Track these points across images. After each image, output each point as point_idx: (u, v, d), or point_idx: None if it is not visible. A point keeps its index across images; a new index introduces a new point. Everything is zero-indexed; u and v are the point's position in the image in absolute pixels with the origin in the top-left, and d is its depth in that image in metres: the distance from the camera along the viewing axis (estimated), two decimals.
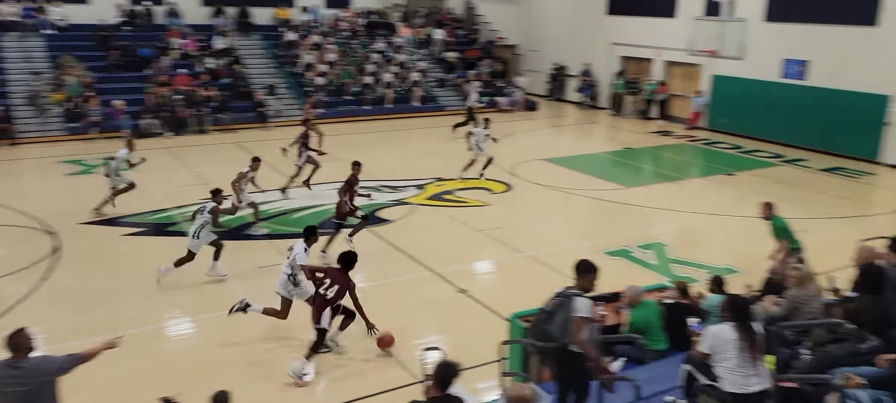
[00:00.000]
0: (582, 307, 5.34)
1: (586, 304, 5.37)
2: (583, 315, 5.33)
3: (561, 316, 5.40)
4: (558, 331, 5.39)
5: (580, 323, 5.33)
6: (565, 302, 5.41)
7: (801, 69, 20.05)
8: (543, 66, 29.46)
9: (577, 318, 5.31)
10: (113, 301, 9.50)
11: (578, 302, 5.35)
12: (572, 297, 5.41)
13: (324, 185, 15.35)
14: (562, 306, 5.43)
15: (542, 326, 5.56)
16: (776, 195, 15.16)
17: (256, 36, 25.75)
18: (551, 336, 5.42)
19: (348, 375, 7.75)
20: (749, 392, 4.88)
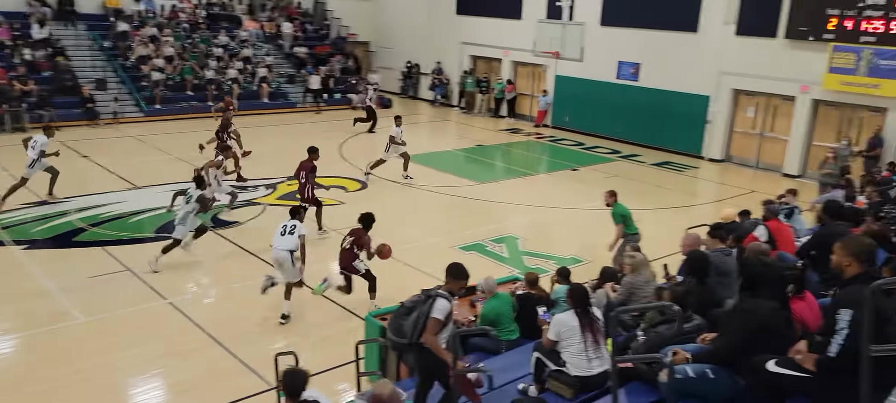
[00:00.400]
0: (440, 309, 5.29)
1: (445, 307, 5.31)
2: (438, 317, 5.27)
3: (417, 313, 5.37)
4: (410, 328, 5.37)
5: (434, 324, 5.27)
6: (426, 301, 5.36)
7: (634, 71, 21.65)
8: (396, 64, 29.58)
9: (432, 319, 5.26)
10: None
11: (438, 302, 5.30)
12: (435, 297, 5.35)
13: (161, 186, 14.43)
14: (421, 304, 5.38)
15: (397, 321, 5.51)
16: (614, 187, 16.30)
17: (82, 26, 23.60)
18: (404, 332, 5.39)
19: (194, 387, 7.30)
20: (592, 375, 5.19)
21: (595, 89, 22.55)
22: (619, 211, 10.40)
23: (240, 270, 10.50)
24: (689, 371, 4.50)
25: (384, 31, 30.29)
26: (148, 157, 17.19)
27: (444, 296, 5.38)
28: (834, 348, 3.95)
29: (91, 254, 10.80)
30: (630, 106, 21.74)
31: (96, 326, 8.50)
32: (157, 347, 8.04)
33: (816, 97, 17.83)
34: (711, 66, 19.61)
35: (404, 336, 5.41)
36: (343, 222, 12.82)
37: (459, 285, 5.55)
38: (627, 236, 10.36)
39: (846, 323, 3.89)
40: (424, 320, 5.32)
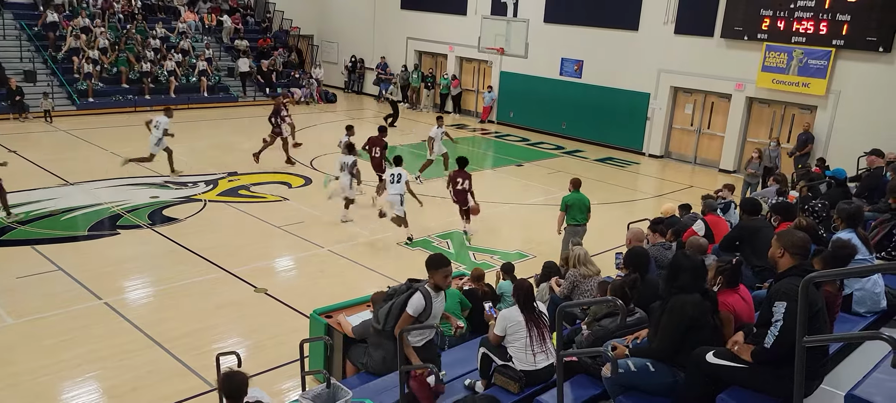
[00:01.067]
0: (413, 304, 5.21)
1: (418, 303, 5.23)
2: (410, 312, 5.22)
3: (393, 302, 5.29)
4: (383, 314, 5.29)
5: (406, 318, 5.19)
6: (406, 291, 5.26)
7: (577, 68, 22.00)
8: (340, 58, 29.27)
9: (404, 313, 5.22)
10: None
11: (414, 298, 5.22)
12: (413, 291, 5.26)
13: (95, 182, 13.96)
14: (400, 293, 5.29)
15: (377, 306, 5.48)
16: (557, 183, 16.55)
17: (8, 14, 22.50)
18: (377, 317, 5.36)
19: (134, 389, 7.06)
20: (538, 369, 5.26)
21: (539, 86, 22.83)
22: (564, 199, 10.66)
23: (179, 268, 10.21)
24: (630, 365, 4.61)
25: (328, 25, 29.92)
26: (81, 152, 16.53)
27: (422, 292, 5.24)
28: (769, 339, 4.10)
29: (20, 253, 10.32)
30: (573, 102, 22.09)
31: (26, 329, 8.12)
32: (92, 350, 7.74)
33: (751, 95, 18.50)
34: (651, 63, 20.10)
35: (377, 321, 5.36)
36: (289, 218, 12.63)
37: (441, 274, 5.34)
38: (569, 225, 10.57)
39: (781, 314, 4.05)
40: (398, 311, 5.23)
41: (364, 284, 9.92)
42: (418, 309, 5.22)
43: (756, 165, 14.80)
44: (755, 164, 14.84)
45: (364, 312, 7.06)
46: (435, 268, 5.34)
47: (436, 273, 5.33)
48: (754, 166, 14.85)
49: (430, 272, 5.37)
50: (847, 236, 6.32)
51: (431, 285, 5.34)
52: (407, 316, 5.19)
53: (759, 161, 14.86)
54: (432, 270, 5.36)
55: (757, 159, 14.89)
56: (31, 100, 19.80)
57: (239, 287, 9.73)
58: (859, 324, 5.70)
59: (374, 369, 6.48)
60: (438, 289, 5.36)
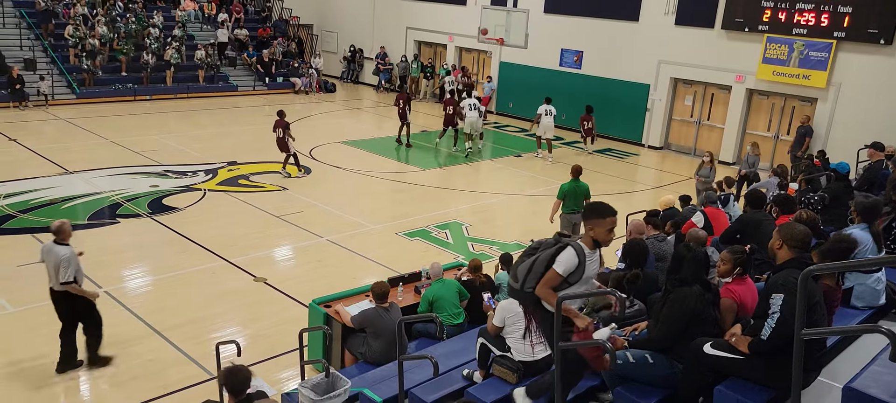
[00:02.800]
0: (563, 261, 4.19)
1: (569, 260, 4.18)
2: (558, 270, 4.19)
3: (536, 257, 4.33)
4: (523, 272, 4.35)
5: (552, 277, 4.20)
6: (553, 246, 4.30)
7: (577, 58, 21.95)
8: (340, 48, 29.19)
9: (552, 271, 4.21)
10: None
11: (564, 254, 4.19)
12: (564, 245, 4.26)
13: (96, 170, 13.97)
14: (545, 247, 4.34)
15: (516, 265, 4.54)
16: (557, 174, 16.55)
17: (8, 2, 22.41)
18: (516, 275, 4.45)
19: (134, 378, 7.09)
20: (536, 360, 5.28)
21: (539, 76, 22.78)
22: (562, 186, 10.69)
23: (179, 258, 10.23)
24: (629, 356, 4.63)
25: (328, 15, 29.82)
26: (81, 141, 16.51)
27: (575, 247, 4.21)
28: (766, 330, 4.13)
29: (20, 242, 10.33)
30: (573, 93, 22.05)
31: (27, 317, 8.15)
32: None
33: (751, 86, 18.47)
34: (651, 55, 20.06)
35: (516, 280, 4.43)
36: (288, 207, 12.64)
37: (606, 228, 4.25)
38: (564, 214, 10.59)
39: (778, 306, 4.06)
40: (542, 267, 4.25)
41: (363, 274, 9.95)
42: (569, 266, 4.17)
43: (707, 170, 12.97)
44: (706, 170, 13.00)
45: (363, 302, 7.10)
46: (599, 217, 4.27)
47: (598, 224, 4.26)
48: (705, 171, 12.98)
49: (591, 223, 4.30)
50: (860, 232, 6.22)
51: (588, 240, 4.31)
52: (553, 275, 4.19)
53: (711, 165, 13.11)
54: (594, 220, 4.29)
55: (708, 163, 13.11)
56: (30, 89, 19.76)
57: (238, 276, 9.75)
58: (857, 318, 5.72)
59: (372, 358, 6.53)
60: (597, 246, 4.31)
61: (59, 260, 6.79)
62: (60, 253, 6.80)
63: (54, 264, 6.82)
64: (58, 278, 6.85)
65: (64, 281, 6.83)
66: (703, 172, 13.20)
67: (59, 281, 6.82)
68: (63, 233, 6.96)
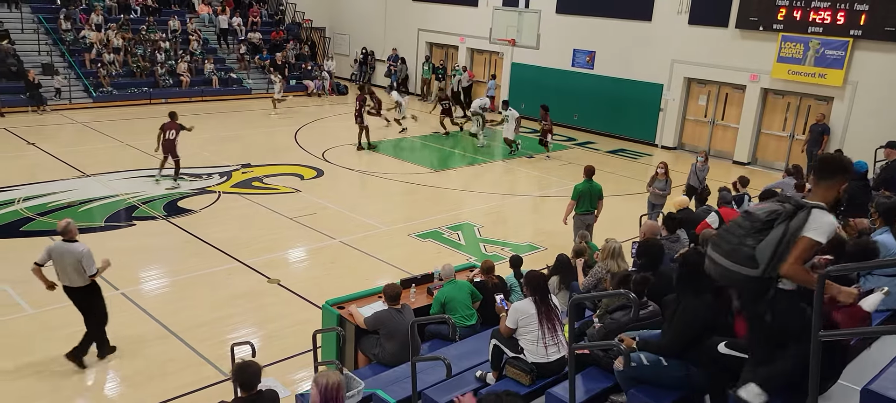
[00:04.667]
0: (820, 224, 3.44)
1: (827, 224, 3.45)
2: (814, 237, 3.43)
3: (777, 232, 3.51)
4: (768, 250, 3.51)
5: (807, 246, 3.44)
6: (793, 214, 3.51)
7: (589, 59, 21.89)
8: (352, 50, 29.29)
9: (806, 240, 3.43)
10: None
11: (819, 216, 3.44)
12: (809, 208, 3.49)
13: (112, 174, 14.11)
14: (782, 218, 3.52)
15: (738, 240, 3.63)
16: (570, 175, 16.50)
17: (27, 8, 22.69)
18: (749, 258, 3.55)
19: (150, 378, 7.17)
20: (549, 361, 5.27)
21: (550, 77, 22.74)
22: (576, 186, 10.65)
23: (194, 260, 10.31)
24: (643, 358, 4.61)
25: (340, 17, 29.94)
26: (98, 144, 16.69)
27: (821, 208, 3.49)
28: None
29: (39, 244, 10.41)
30: (585, 94, 22.00)
31: (45, 318, 8.26)
32: (110, 339, 7.84)
33: (766, 86, 18.33)
34: (664, 54, 19.97)
35: (752, 264, 3.55)
36: (301, 209, 12.71)
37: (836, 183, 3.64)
38: (578, 215, 10.56)
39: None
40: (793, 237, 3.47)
41: (375, 276, 9.98)
42: (828, 231, 3.46)
43: (662, 183, 11.90)
44: (661, 182, 11.91)
45: (376, 303, 7.12)
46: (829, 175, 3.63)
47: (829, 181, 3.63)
48: (660, 184, 11.91)
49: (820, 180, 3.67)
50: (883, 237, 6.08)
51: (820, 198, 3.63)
52: (809, 244, 3.43)
53: (665, 177, 11.92)
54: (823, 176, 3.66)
55: (663, 175, 11.94)
56: (47, 93, 20.01)
57: (252, 277, 9.82)
58: (877, 320, 5.66)
59: (385, 360, 6.55)
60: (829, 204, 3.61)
61: (81, 255, 7.03)
62: (79, 249, 7.01)
63: (75, 261, 7.00)
64: (86, 272, 7.10)
65: (92, 274, 7.11)
66: (657, 185, 11.89)
67: (89, 274, 7.09)
68: (71, 232, 7.16)
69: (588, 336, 5.46)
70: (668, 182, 11.93)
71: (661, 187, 11.79)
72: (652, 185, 11.98)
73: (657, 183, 11.87)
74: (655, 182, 11.92)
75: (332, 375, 4.13)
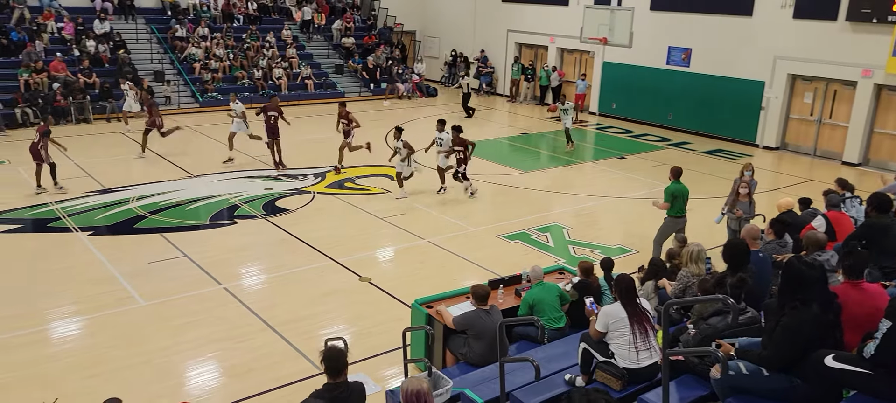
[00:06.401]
0: None
1: None
2: None
3: None
4: None
5: None
6: None
7: (685, 56, 21.18)
8: (441, 53, 29.61)
9: None
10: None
11: None
12: None
13: (216, 175, 14.87)
14: None
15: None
16: (662, 176, 16.02)
17: (141, 19, 24.33)
18: None
19: (250, 370, 7.52)
20: (641, 367, 5.15)
21: (643, 75, 22.17)
22: (670, 189, 10.29)
23: (290, 257, 10.73)
24: (741, 367, 4.42)
25: (430, 21, 30.33)
26: (203, 147, 17.65)
27: None
28: (870, 347, 3.93)
29: (151, 241, 11.20)
30: (680, 92, 21.31)
31: (156, 310, 8.82)
32: (213, 331, 8.30)
33: (879, 82, 17.15)
34: (766, 50, 19.05)
35: None
36: (391, 210, 12.98)
37: None
38: (670, 217, 10.22)
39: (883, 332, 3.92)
40: None
41: (463, 276, 10.06)
42: None
43: (747, 205, 10.36)
44: (745, 204, 10.36)
45: (464, 303, 7.17)
46: None
47: None
48: (744, 206, 10.34)
49: None
50: None
51: None
52: None
53: (749, 198, 10.40)
54: None
55: (746, 197, 10.37)
56: (158, 99, 21.35)
57: (344, 275, 10.11)
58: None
59: (473, 360, 6.59)
60: None
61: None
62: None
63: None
64: None
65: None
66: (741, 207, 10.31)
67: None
68: None
69: (682, 342, 5.30)
70: (752, 205, 10.38)
71: (746, 210, 10.24)
72: (732, 208, 10.39)
73: (740, 205, 10.30)
74: (738, 204, 10.35)
75: (414, 382, 4.22)
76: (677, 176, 10.34)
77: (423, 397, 4.12)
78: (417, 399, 4.09)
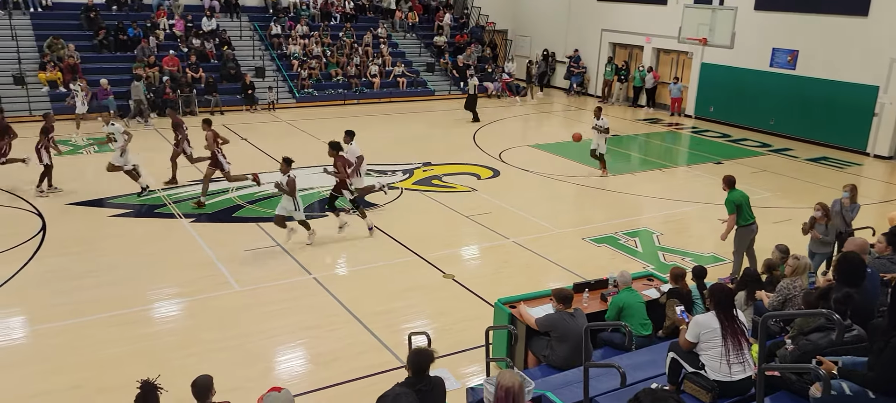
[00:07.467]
0: None
1: None
2: None
3: None
4: None
5: None
6: None
7: (791, 58, 20.10)
8: (533, 52, 29.39)
9: None
10: (96, 282, 9.42)
11: None
12: None
13: (309, 168, 15.33)
14: None
15: None
16: (763, 183, 15.31)
17: (245, 18, 25.47)
18: None
19: (336, 359, 7.73)
20: (733, 380, 4.93)
21: (745, 78, 21.21)
22: (732, 199, 9.73)
23: (378, 251, 10.95)
24: (845, 387, 4.15)
25: (523, 20, 30.17)
26: (299, 141, 18.29)
27: None
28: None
29: (248, 229, 11.71)
30: (784, 96, 20.25)
31: (250, 296, 9.22)
32: (302, 319, 8.59)
33: None
34: (883, 53, 17.80)
35: None
36: (477, 208, 13.01)
37: None
38: (741, 227, 9.71)
39: None
40: None
41: (546, 277, 9.95)
42: None
43: (823, 228, 9.41)
44: (822, 226, 9.41)
45: (547, 305, 7.10)
46: None
47: None
48: (820, 228, 9.41)
49: None
50: None
51: None
52: None
53: (826, 221, 9.41)
54: None
55: (823, 220, 9.40)
56: (259, 94, 22.34)
57: (428, 271, 10.22)
58: None
59: (556, 362, 6.51)
60: None
61: None
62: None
63: None
64: None
65: None
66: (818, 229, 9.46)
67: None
68: None
69: (779, 358, 5.03)
70: (829, 227, 9.45)
71: (823, 232, 9.43)
72: (810, 227, 9.53)
73: (817, 227, 9.45)
74: (816, 227, 9.47)
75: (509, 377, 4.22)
76: (732, 185, 9.81)
77: (513, 394, 4.12)
78: (506, 396, 4.09)
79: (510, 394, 4.11)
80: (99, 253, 10.49)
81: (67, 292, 9.08)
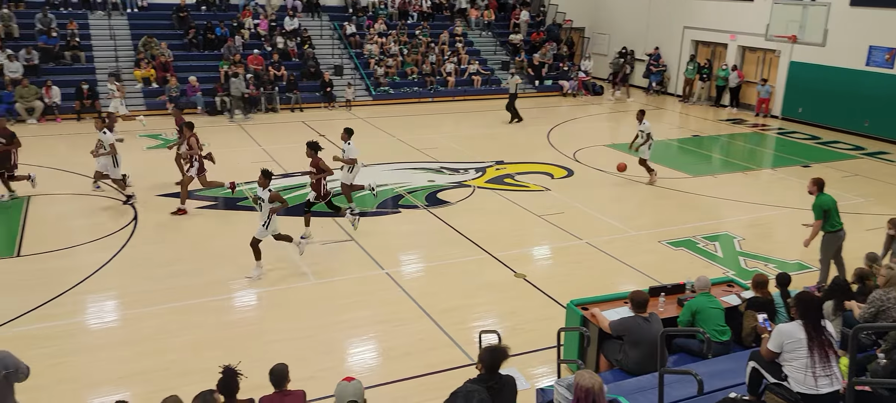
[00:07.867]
0: None
1: None
2: None
3: None
4: None
5: None
6: None
7: (889, 57, 18.94)
8: (610, 50, 28.84)
9: None
10: (181, 270, 9.87)
11: None
12: None
13: (384, 165, 15.54)
14: None
15: None
16: (854, 188, 14.52)
17: (325, 17, 26.09)
18: None
19: (406, 353, 7.83)
20: (819, 394, 4.70)
21: (837, 77, 20.13)
22: (819, 203, 9.21)
23: (448, 248, 11.01)
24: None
25: (601, 17, 29.65)
26: (374, 138, 18.60)
27: None
28: None
29: (324, 223, 12.00)
30: (880, 97, 19.11)
31: (324, 288, 9.46)
32: (374, 313, 8.75)
33: None
34: None
35: None
36: (550, 208, 12.88)
37: None
38: (828, 233, 9.18)
39: None
40: None
41: (620, 280, 9.76)
42: None
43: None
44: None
45: (621, 308, 6.97)
46: None
47: None
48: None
49: None
50: None
51: None
52: None
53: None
54: None
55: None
56: (337, 92, 22.86)
57: (500, 270, 10.20)
58: None
59: (629, 367, 6.38)
60: None
61: None
62: None
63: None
64: None
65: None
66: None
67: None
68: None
69: (870, 372, 4.76)
70: None
71: None
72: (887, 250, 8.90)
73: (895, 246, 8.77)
74: (893, 243, 8.88)
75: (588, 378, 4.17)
76: (821, 187, 9.25)
77: (594, 395, 4.07)
78: (586, 397, 4.04)
79: (590, 395, 4.06)
80: (185, 243, 11.00)
81: (156, 279, 9.55)
